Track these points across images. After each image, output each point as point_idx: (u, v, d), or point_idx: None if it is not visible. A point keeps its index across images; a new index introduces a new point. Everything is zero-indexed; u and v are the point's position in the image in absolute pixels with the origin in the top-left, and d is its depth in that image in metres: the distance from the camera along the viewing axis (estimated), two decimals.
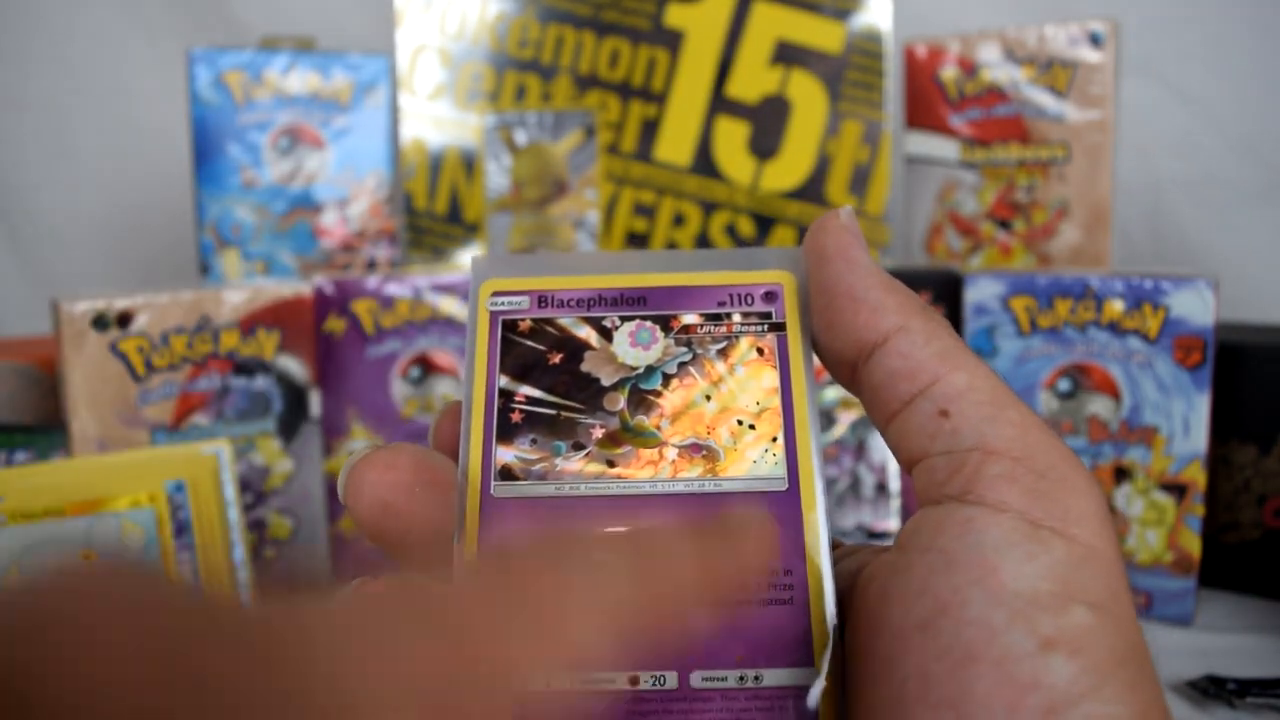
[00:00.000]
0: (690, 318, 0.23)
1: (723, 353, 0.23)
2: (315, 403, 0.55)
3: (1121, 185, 0.72)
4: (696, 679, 0.20)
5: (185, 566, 0.44)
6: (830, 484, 0.59)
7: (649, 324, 0.23)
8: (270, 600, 0.16)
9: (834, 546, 0.23)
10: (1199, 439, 0.52)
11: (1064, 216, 0.68)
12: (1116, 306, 0.53)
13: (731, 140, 0.75)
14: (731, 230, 0.76)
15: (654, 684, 0.20)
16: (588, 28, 0.74)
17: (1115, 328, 0.53)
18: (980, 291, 0.55)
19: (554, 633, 0.15)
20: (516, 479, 0.21)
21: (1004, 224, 0.70)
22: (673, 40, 0.74)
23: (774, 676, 0.20)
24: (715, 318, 0.23)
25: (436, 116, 0.74)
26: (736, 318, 0.23)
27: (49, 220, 0.86)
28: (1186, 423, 0.52)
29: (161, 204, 0.84)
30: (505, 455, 0.22)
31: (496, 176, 0.74)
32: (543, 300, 0.23)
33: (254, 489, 0.54)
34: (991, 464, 0.19)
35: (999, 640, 0.17)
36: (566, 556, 0.16)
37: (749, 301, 0.23)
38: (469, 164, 0.74)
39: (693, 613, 0.17)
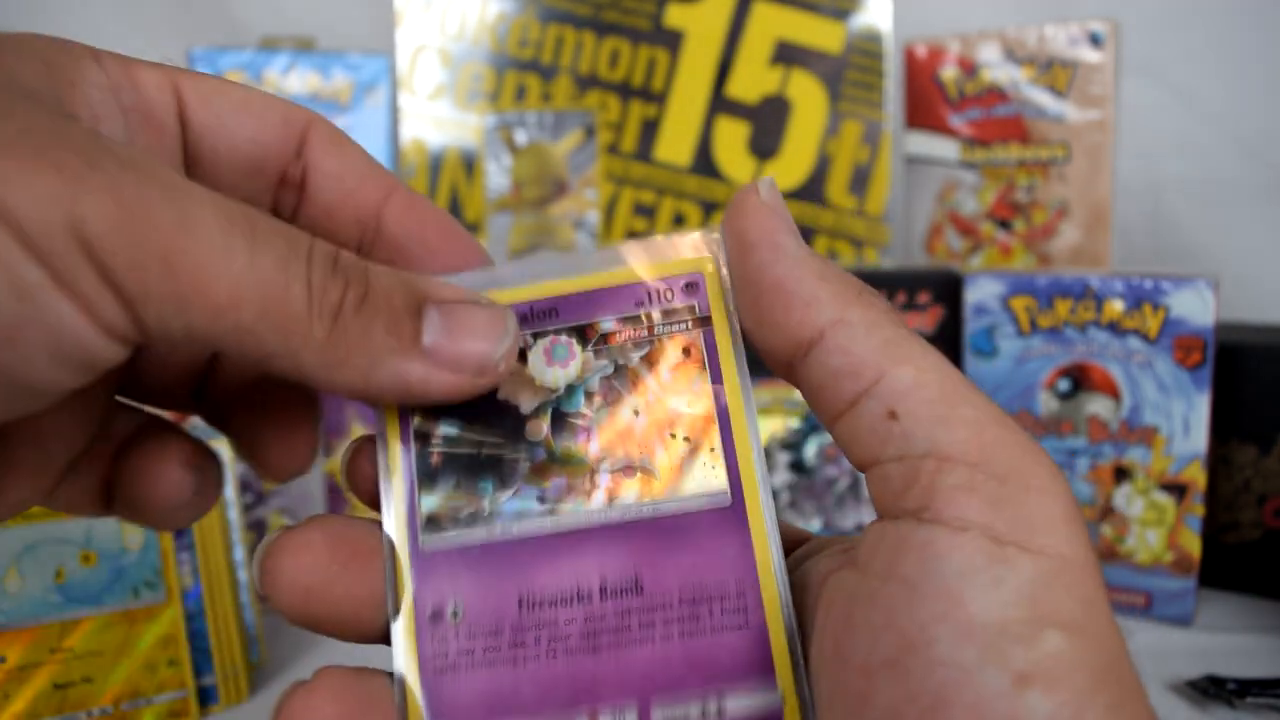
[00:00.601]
0: (607, 324, 0.21)
1: (646, 359, 0.21)
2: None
3: (1121, 185, 0.72)
4: (658, 715, 0.19)
5: (185, 566, 0.44)
6: (830, 484, 0.59)
7: (564, 337, 0.21)
8: None
9: (799, 542, 0.22)
10: (1199, 439, 0.52)
11: (1064, 216, 0.68)
12: (1116, 306, 0.53)
13: (731, 140, 0.75)
14: None
15: None
16: (588, 28, 0.74)
17: (1115, 328, 0.53)
18: (980, 291, 0.55)
19: None
20: (444, 529, 0.20)
21: (1004, 224, 0.70)
22: (673, 40, 0.74)
23: (737, 704, 0.19)
24: (633, 320, 0.21)
25: (436, 116, 0.74)
26: (656, 316, 0.21)
27: None
28: (1186, 423, 0.52)
29: None
30: (430, 503, 0.20)
31: (496, 176, 0.74)
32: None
33: (254, 489, 0.54)
34: (947, 473, 0.18)
35: (972, 681, 0.16)
36: None
37: (668, 297, 0.21)
38: (469, 164, 0.74)
39: None
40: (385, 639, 0.20)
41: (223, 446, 0.46)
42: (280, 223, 0.17)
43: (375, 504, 0.20)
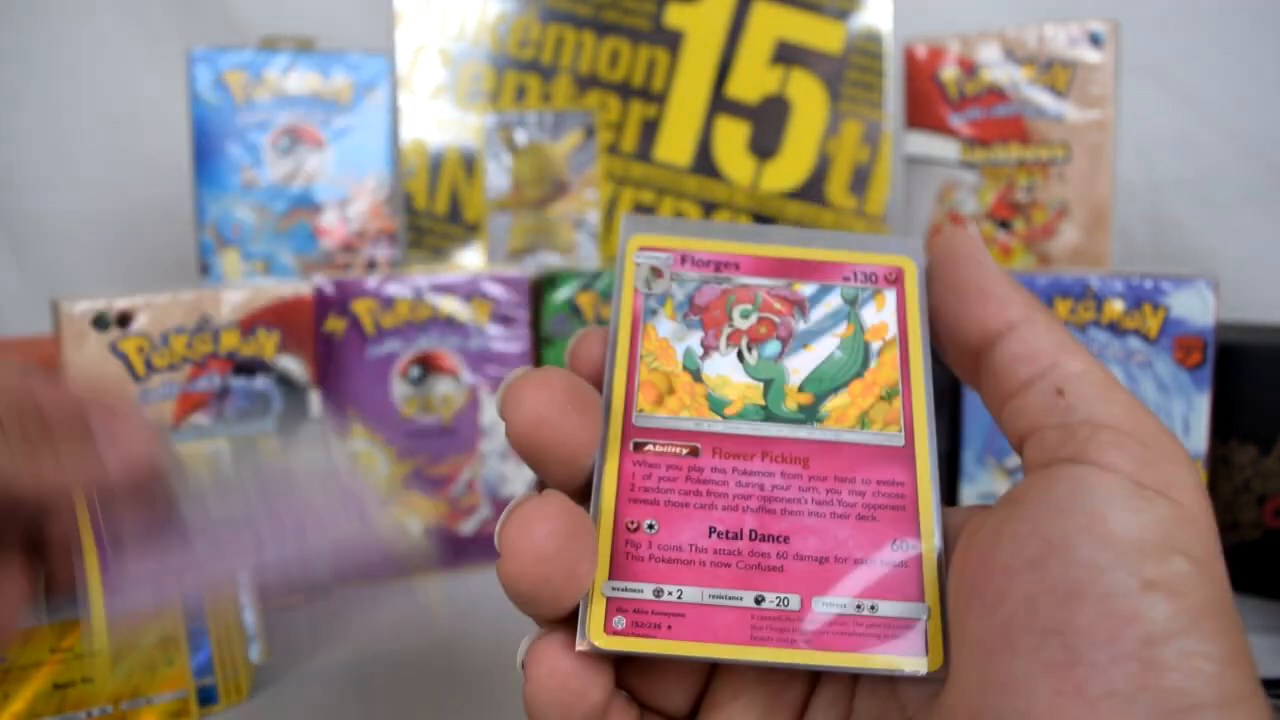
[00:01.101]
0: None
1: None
2: (315, 403, 0.55)
3: (1121, 185, 0.72)
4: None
5: None
6: None
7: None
8: None
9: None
10: (1199, 439, 0.52)
11: (1064, 216, 0.68)
12: (1116, 306, 0.53)
13: (731, 140, 0.75)
14: None
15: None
16: (588, 28, 0.74)
17: (1115, 328, 0.53)
18: None
19: None
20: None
21: (1004, 224, 0.70)
22: (673, 40, 0.74)
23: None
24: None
25: (436, 116, 0.74)
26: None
27: (49, 220, 0.86)
28: (1186, 423, 0.52)
29: (161, 204, 0.84)
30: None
31: (496, 176, 0.74)
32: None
33: None
34: (1102, 434, 0.21)
35: (1104, 578, 0.19)
36: None
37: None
38: (469, 164, 0.74)
39: None
40: (585, 489, 0.23)
41: (222, 446, 0.46)
42: None
43: (593, 382, 0.24)
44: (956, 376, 0.26)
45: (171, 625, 0.43)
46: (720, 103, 0.75)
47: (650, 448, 0.23)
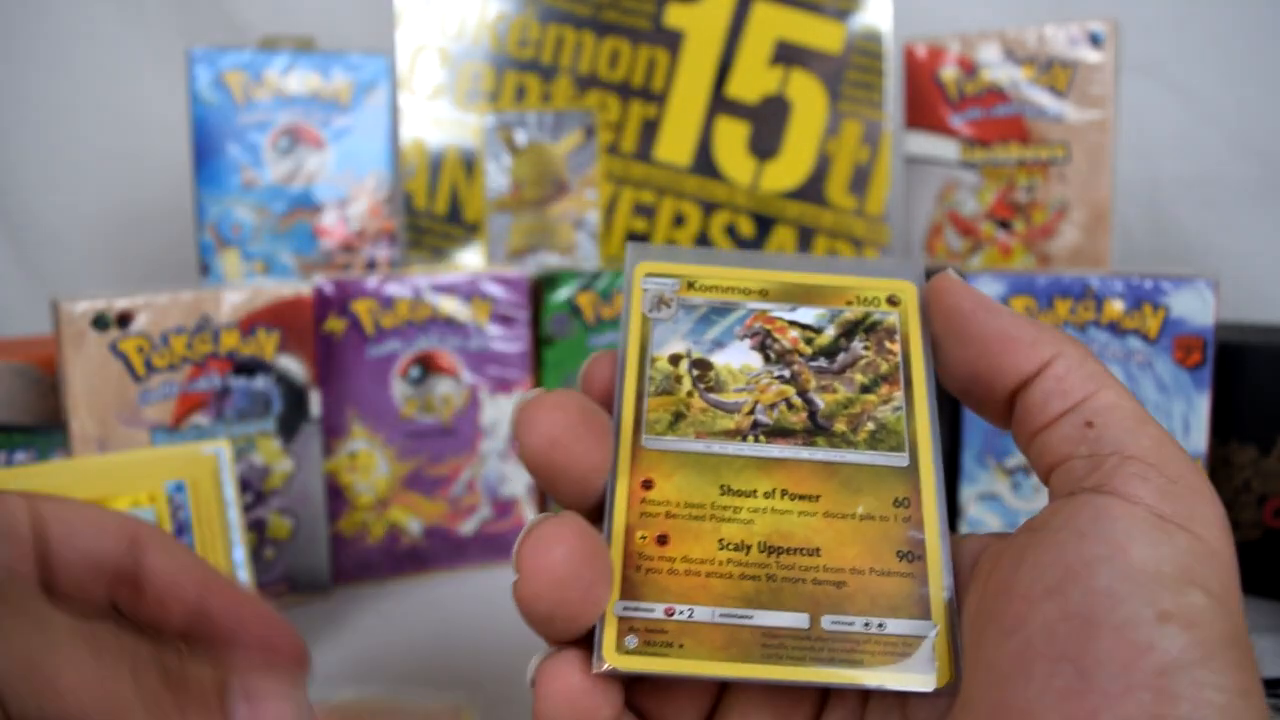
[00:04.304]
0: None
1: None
2: (315, 403, 0.55)
3: (1121, 185, 0.72)
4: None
5: None
6: None
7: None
8: None
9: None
10: (1199, 439, 0.52)
11: (1064, 216, 0.68)
12: (1116, 306, 0.53)
13: (731, 140, 0.75)
14: (731, 230, 0.76)
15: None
16: (588, 28, 0.74)
17: (1115, 328, 0.53)
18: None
19: None
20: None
21: (1004, 224, 0.70)
22: (673, 40, 0.74)
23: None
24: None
25: (436, 116, 0.74)
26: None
27: (49, 220, 0.86)
28: (1186, 423, 0.52)
29: (161, 204, 0.84)
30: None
31: (496, 176, 0.74)
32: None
33: (254, 489, 0.54)
34: (1128, 465, 0.21)
35: (1122, 608, 0.19)
36: None
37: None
38: (469, 164, 0.74)
39: None
40: (597, 510, 0.23)
41: (222, 446, 0.46)
42: (116, 636, 0.22)
43: (607, 404, 0.25)
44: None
45: None
46: (720, 103, 0.75)
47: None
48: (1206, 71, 0.81)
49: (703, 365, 0.26)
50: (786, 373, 0.26)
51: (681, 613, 0.22)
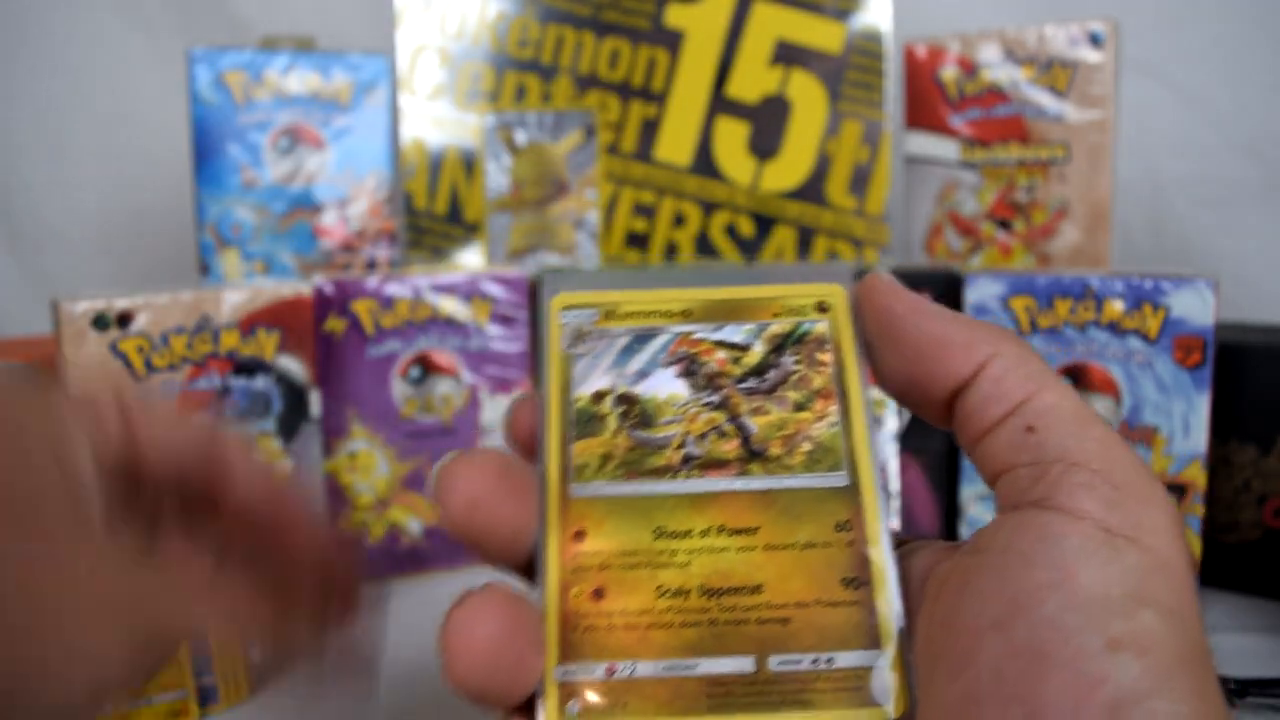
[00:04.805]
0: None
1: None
2: (315, 403, 0.55)
3: (1121, 185, 0.72)
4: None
5: None
6: None
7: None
8: None
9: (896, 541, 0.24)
10: (1199, 439, 0.52)
11: (1064, 216, 0.68)
12: (1116, 306, 0.53)
13: (731, 140, 0.75)
14: (732, 230, 0.76)
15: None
16: (588, 28, 0.74)
17: (1115, 328, 0.53)
18: (980, 292, 0.55)
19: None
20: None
21: (1004, 224, 0.70)
22: (673, 40, 0.74)
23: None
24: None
25: (436, 116, 0.74)
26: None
27: (49, 220, 0.86)
28: (1186, 423, 0.52)
29: (161, 204, 0.84)
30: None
31: (496, 176, 0.74)
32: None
33: None
34: (1073, 474, 0.20)
35: (1071, 641, 0.18)
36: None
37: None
38: (469, 164, 0.74)
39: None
40: (528, 566, 0.23)
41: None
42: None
43: (529, 453, 0.24)
44: None
45: None
46: (720, 103, 0.75)
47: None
48: (1206, 71, 0.81)
49: (628, 400, 0.24)
50: (715, 398, 0.24)
51: (623, 669, 0.21)
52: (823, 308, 0.25)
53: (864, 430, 0.24)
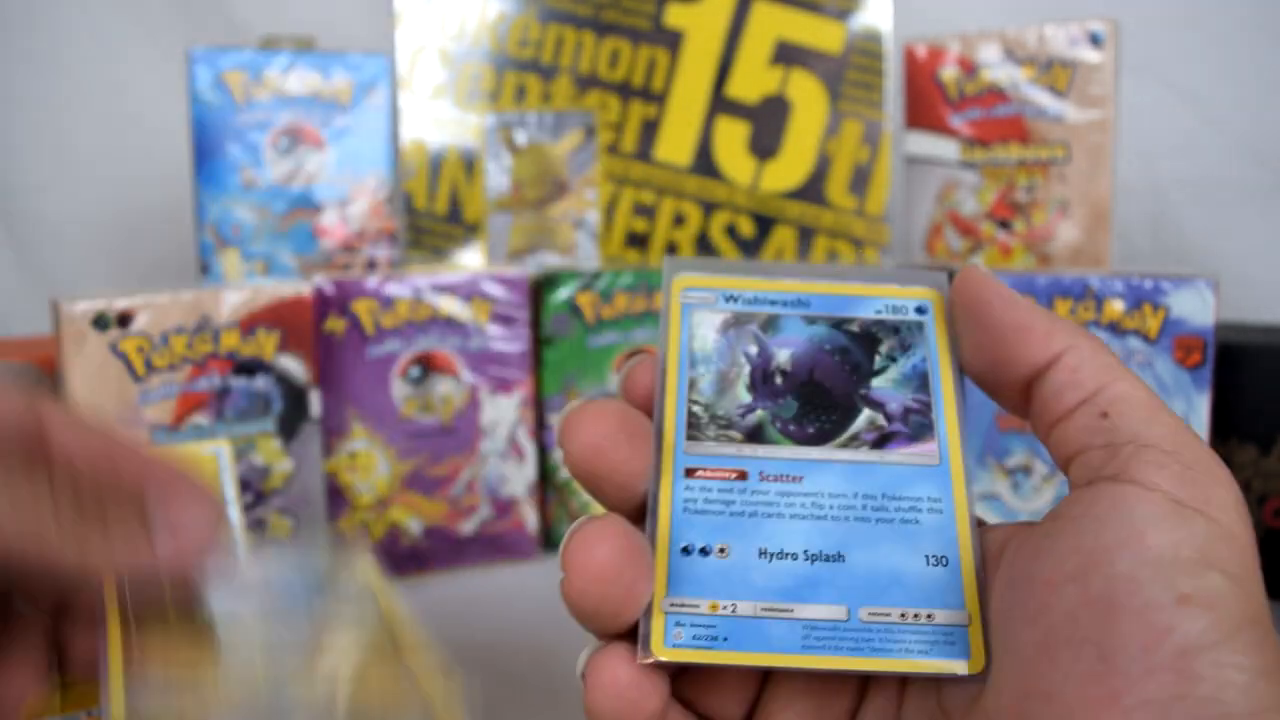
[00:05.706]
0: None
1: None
2: (315, 403, 0.55)
3: (1121, 185, 0.72)
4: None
5: None
6: None
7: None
8: None
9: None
10: None
11: (1064, 216, 0.68)
12: (1116, 306, 0.53)
13: (731, 140, 0.75)
14: (732, 230, 0.76)
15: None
16: (588, 28, 0.74)
17: (1115, 328, 0.53)
18: None
19: None
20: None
21: (1004, 224, 0.70)
22: (673, 40, 0.74)
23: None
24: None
25: (436, 116, 0.74)
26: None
27: (49, 220, 0.86)
28: (1186, 423, 0.52)
29: (161, 204, 0.84)
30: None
31: (496, 176, 0.74)
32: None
33: (254, 489, 0.54)
34: (1145, 454, 0.21)
35: (1142, 592, 0.19)
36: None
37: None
38: (469, 164, 0.74)
39: None
40: (640, 511, 0.24)
41: (222, 446, 0.46)
42: (31, 480, 0.25)
43: (645, 409, 0.26)
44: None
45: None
46: (720, 103, 0.75)
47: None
48: (1206, 71, 0.81)
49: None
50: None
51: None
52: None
53: (956, 419, 0.26)
